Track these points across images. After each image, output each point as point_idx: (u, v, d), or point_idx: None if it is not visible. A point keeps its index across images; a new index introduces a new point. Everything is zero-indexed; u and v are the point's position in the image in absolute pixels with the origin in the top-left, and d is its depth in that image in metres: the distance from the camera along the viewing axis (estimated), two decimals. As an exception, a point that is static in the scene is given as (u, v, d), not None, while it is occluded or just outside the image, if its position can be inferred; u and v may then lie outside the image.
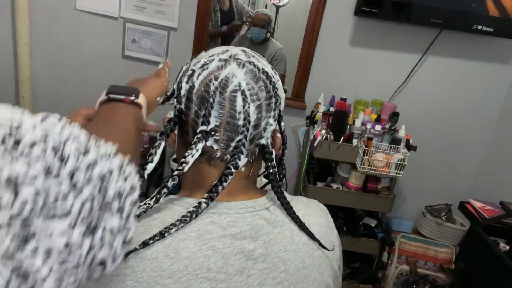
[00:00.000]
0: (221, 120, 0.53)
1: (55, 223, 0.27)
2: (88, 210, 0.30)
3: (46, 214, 0.27)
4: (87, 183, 0.30)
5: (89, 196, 0.30)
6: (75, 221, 0.29)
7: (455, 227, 2.11)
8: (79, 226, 0.29)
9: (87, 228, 0.30)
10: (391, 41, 2.13)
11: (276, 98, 0.56)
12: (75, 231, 0.29)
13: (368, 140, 1.82)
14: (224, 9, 2.50)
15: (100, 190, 0.31)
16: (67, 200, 0.29)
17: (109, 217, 0.32)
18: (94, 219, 0.30)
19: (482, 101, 2.22)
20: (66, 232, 0.28)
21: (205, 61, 0.55)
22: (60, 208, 0.28)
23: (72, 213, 0.29)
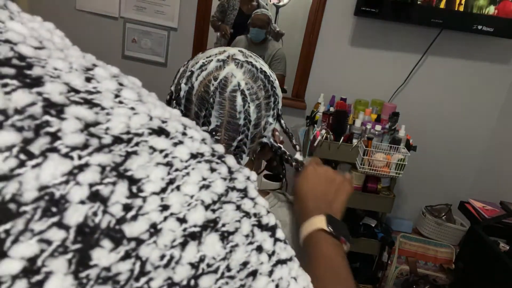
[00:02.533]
0: (222, 120, 0.53)
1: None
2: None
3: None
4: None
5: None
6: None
7: (455, 227, 2.11)
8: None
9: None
10: (391, 41, 2.13)
11: (274, 97, 0.57)
12: None
13: (368, 140, 1.82)
14: (245, 11, 2.49)
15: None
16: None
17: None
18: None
19: (482, 101, 2.22)
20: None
21: (203, 62, 0.55)
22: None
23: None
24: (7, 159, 0.18)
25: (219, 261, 0.22)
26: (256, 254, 0.25)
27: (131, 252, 0.19)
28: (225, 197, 0.24)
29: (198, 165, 0.23)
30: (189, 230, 0.21)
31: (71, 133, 0.19)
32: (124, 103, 0.22)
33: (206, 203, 0.23)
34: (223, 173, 0.25)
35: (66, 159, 0.19)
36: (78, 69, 0.22)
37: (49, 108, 0.19)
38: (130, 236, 0.20)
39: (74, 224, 0.18)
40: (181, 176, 0.22)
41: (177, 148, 0.23)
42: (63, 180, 0.18)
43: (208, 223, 0.22)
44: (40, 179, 0.18)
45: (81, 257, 0.18)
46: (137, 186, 0.20)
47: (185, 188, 0.22)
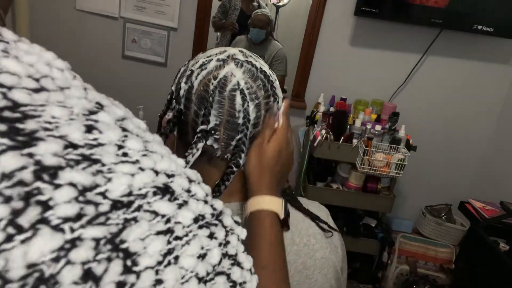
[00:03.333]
0: (221, 119, 0.53)
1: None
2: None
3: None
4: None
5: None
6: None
7: (455, 227, 2.11)
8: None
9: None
10: (391, 41, 2.13)
11: (274, 97, 0.57)
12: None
13: (368, 140, 1.82)
14: (246, 12, 2.49)
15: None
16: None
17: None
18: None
19: (482, 101, 2.22)
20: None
21: (203, 61, 0.55)
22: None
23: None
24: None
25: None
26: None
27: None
28: (218, 266, 0.23)
29: (199, 232, 0.22)
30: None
31: (64, 203, 0.18)
32: (128, 156, 0.21)
33: (200, 275, 0.22)
34: (220, 238, 0.24)
35: (58, 232, 0.17)
36: (79, 114, 0.20)
37: (41, 173, 0.17)
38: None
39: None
40: (181, 246, 0.21)
41: (181, 211, 0.22)
42: (53, 257, 0.17)
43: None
44: (29, 256, 0.16)
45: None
46: (132, 260, 0.19)
47: (183, 260, 0.21)
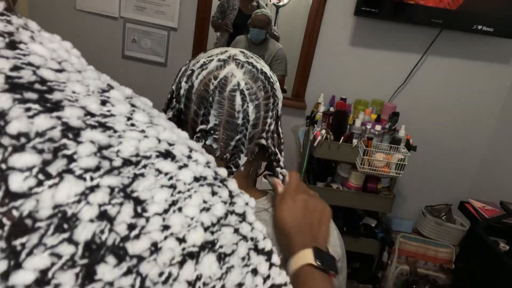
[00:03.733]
0: (221, 119, 0.53)
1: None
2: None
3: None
4: None
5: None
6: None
7: (455, 227, 2.11)
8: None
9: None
10: (391, 41, 2.13)
11: (274, 99, 0.57)
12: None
13: (368, 140, 1.82)
14: (245, 12, 2.49)
15: None
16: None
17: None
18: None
19: (482, 101, 2.22)
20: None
21: (204, 61, 0.55)
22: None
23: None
24: (27, 178, 0.19)
25: (215, 281, 0.23)
26: (251, 277, 0.26)
27: (132, 268, 0.21)
28: (224, 220, 0.25)
29: (200, 189, 0.25)
30: (188, 249, 0.23)
31: (85, 156, 0.21)
32: (136, 126, 0.24)
33: (205, 225, 0.24)
34: (223, 196, 0.26)
35: (80, 180, 0.20)
36: (94, 91, 0.24)
37: (67, 132, 0.21)
38: (132, 254, 0.21)
39: (83, 241, 0.20)
40: (183, 199, 0.23)
41: (182, 171, 0.24)
42: (75, 200, 0.20)
43: (206, 244, 0.23)
44: (56, 198, 0.19)
45: (88, 271, 0.20)
46: (141, 207, 0.22)
47: (186, 210, 0.23)
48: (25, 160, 0.19)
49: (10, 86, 0.20)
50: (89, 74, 0.25)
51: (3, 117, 0.19)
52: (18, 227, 0.19)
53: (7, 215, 0.18)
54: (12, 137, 0.19)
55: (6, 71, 0.20)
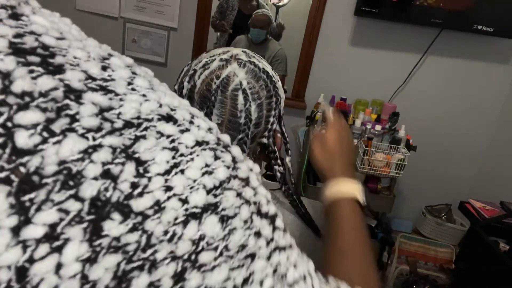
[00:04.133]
0: (223, 118, 0.53)
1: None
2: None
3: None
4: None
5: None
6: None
7: (455, 227, 2.11)
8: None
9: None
10: (391, 41, 2.13)
11: (276, 98, 0.57)
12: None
13: (368, 140, 1.82)
14: (244, 11, 2.49)
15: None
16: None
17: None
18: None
19: (482, 101, 2.22)
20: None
21: (206, 61, 0.55)
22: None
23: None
24: (32, 135, 0.20)
25: (218, 241, 0.24)
26: (254, 239, 0.26)
27: (138, 225, 0.22)
28: (227, 184, 0.26)
29: (202, 152, 0.25)
30: (191, 210, 0.23)
31: (87, 116, 0.21)
32: (136, 90, 0.25)
33: (208, 187, 0.24)
34: (226, 161, 0.26)
35: (83, 139, 0.21)
36: (95, 58, 0.25)
37: (69, 93, 0.22)
38: (137, 211, 0.22)
39: (89, 197, 0.20)
40: (186, 161, 0.24)
41: (184, 135, 0.25)
42: (79, 157, 0.21)
43: (209, 206, 0.24)
44: (60, 155, 0.20)
45: (94, 227, 0.21)
46: (143, 167, 0.22)
47: (188, 172, 0.24)
48: (30, 118, 0.20)
49: (13, 50, 0.21)
50: (90, 42, 0.27)
51: (7, 77, 0.20)
52: (26, 184, 0.19)
53: (15, 172, 0.19)
54: (17, 95, 0.20)
55: (10, 37, 0.21)
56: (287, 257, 0.29)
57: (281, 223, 0.30)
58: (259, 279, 0.26)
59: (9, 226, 0.19)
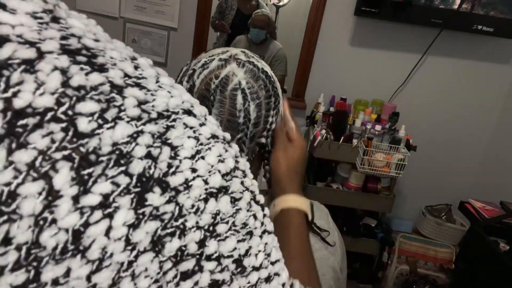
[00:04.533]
0: (222, 118, 0.53)
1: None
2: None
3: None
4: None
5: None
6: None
7: (455, 227, 2.11)
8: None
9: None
10: (391, 41, 2.13)
11: (275, 97, 0.57)
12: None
13: (368, 140, 1.82)
14: (243, 11, 2.48)
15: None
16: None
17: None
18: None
19: (482, 101, 2.22)
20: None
21: (205, 60, 0.55)
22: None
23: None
24: (90, 122, 0.23)
25: (228, 217, 0.29)
26: (252, 219, 0.31)
27: (172, 198, 0.26)
28: (234, 172, 0.30)
29: (216, 144, 0.29)
30: (210, 190, 0.28)
31: (131, 107, 0.25)
32: (163, 87, 0.28)
33: (222, 172, 0.29)
34: (232, 154, 0.31)
35: (129, 125, 0.25)
36: (126, 58, 0.28)
37: (113, 88, 0.25)
38: (172, 186, 0.26)
39: (137, 173, 0.24)
40: (205, 149, 0.28)
41: (202, 128, 0.29)
42: (128, 140, 0.24)
43: (222, 188, 0.29)
44: (113, 138, 0.24)
45: (140, 198, 0.24)
46: (175, 152, 0.26)
47: (208, 158, 0.28)
48: (89, 107, 0.23)
49: (64, 51, 0.24)
50: (119, 44, 0.30)
51: (65, 73, 0.23)
52: (85, 161, 0.23)
53: (76, 151, 0.23)
54: (74, 88, 0.23)
55: (58, 39, 0.24)
56: (272, 239, 0.34)
57: (268, 212, 0.34)
58: (255, 253, 0.31)
59: (71, 194, 0.22)
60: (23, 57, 0.22)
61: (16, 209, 0.21)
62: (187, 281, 0.27)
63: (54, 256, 0.22)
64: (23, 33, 0.23)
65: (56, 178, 0.22)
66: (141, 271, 0.25)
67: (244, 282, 0.30)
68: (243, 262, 0.30)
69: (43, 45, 0.23)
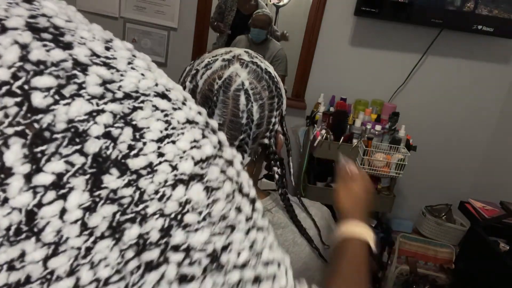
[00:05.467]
0: (225, 118, 0.53)
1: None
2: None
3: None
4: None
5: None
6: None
7: (455, 227, 2.11)
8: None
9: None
10: (391, 41, 2.13)
11: (278, 98, 0.57)
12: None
13: (368, 140, 1.82)
14: (243, 12, 2.48)
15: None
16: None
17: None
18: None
19: (482, 101, 2.22)
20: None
21: (208, 61, 0.55)
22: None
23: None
24: (46, 97, 0.23)
25: (202, 207, 0.27)
26: (235, 212, 0.29)
27: (132, 182, 0.24)
28: (213, 160, 0.28)
29: (192, 129, 0.28)
30: (179, 176, 0.26)
31: (92, 85, 0.24)
32: (136, 69, 0.28)
33: (195, 159, 0.27)
34: (213, 141, 0.29)
35: (88, 103, 0.24)
36: (99, 39, 0.28)
37: (76, 65, 0.25)
38: (132, 169, 0.24)
39: (92, 153, 0.23)
40: (177, 134, 0.27)
41: (176, 112, 0.28)
42: (85, 118, 0.24)
43: (196, 175, 0.27)
44: (69, 114, 0.23)
45: (95, 179, 0.23)
46: (139, 133, 0.25)
47: (179, 143, 0.27)
48: (45, 82, 0.23)
49: (29, 28, 0.24)
50: (95, 27, 0.29)
51: (25, 47, 0.23)
52: (38, 137, 0.22)
53: (29, 127, 0.22)
54: (33, 63, 0.23)
55: (26, 18, 0.24)
56: (263, 237, 0.32)
57: (260, 207, 0.33)
58: (237, 250, 0.29)
59: (23, 172, 0.21)
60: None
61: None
62: (152, 272, 0.26)
63: (8, 238, 0.21)
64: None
65: (7, 154, 0.21)
66: (101, 259, 0.24)
67: (221, 279, 0.28)
68: (220, 258, 0.28)
69: (7, 21, 0.23)
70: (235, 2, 2.51)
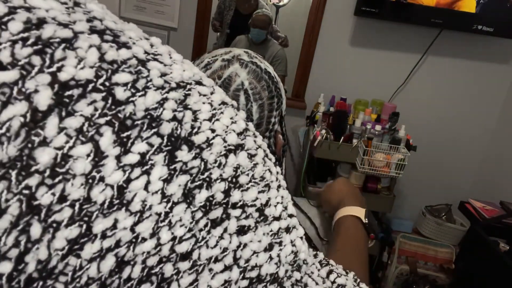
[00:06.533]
0: None
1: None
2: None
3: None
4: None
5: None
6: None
7: (455, 227, 2.11)
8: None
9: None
10: (391, 41, 2.13)
11: (278, 98, 0.57)
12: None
13: (368, 140, 1.82)
14: (242, 11, 2.48)
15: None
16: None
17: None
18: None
19: (482, 101, 2.22)
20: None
21: (208, 61, 0.55)
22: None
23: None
24: (125, 91, 0.26)
25: (248, 170, 0.32)
26: (268, 173, 0.34)
27: (197, 154, 0.29)
28: (246, 132, 0.33)
29: (227, 108, 0.33)
30: (228, 147, 0.31)
31: (155, 78, 0.28)
32: (175, 62, 0.32)
33: (236, 131, 0.32)
34: (242, 117, 0.34)
35: (156, 93, 0.28)
36: (142, 38, 0.31)
37: (139, 62, 0.28)
38: (196, 144, 0.29)
39: (166, 134, 0.27)
40: (219, 113, 0.32)
41: (213, 95, 0.33)
42: (157, 106, 0.28)
43: (239, 145, 0.32)
44: (146, 104, 0.27)
45: (171, 155, 0.28)
46: (194, 115, 0.30)
47: (222, 120, 0.32)
48: (124, 78, 0.27)
49: (92, 31, 0.27)
50: (132, 26, 0.33)
51: (99, 49, 0.27)
52: (123, 125, 0.26)
53: (115, 117, 0.26)
54: (108, 63, 0.27)
55: (85, 22, 0.27)
56: (286, 194, 0.37)
57: (279, 170, 0.38)
58: (274, 204, 0.34)
59: (114, 154, 0.25)
60: (62, 37, 0.25)
61: (69, 169, 0.24)
62: (217, 228, 0.30)
63: (102, 210, 0.25)
64: (56, 16, 0.26)
65: (101, 141, 0.25)
66: (177, 221, 0.28)
67: (267, 229, 0.33)
68: (264, 211, 0.33)
69: (75, 26, 0.26)
70: (233, 2, 2.51)
